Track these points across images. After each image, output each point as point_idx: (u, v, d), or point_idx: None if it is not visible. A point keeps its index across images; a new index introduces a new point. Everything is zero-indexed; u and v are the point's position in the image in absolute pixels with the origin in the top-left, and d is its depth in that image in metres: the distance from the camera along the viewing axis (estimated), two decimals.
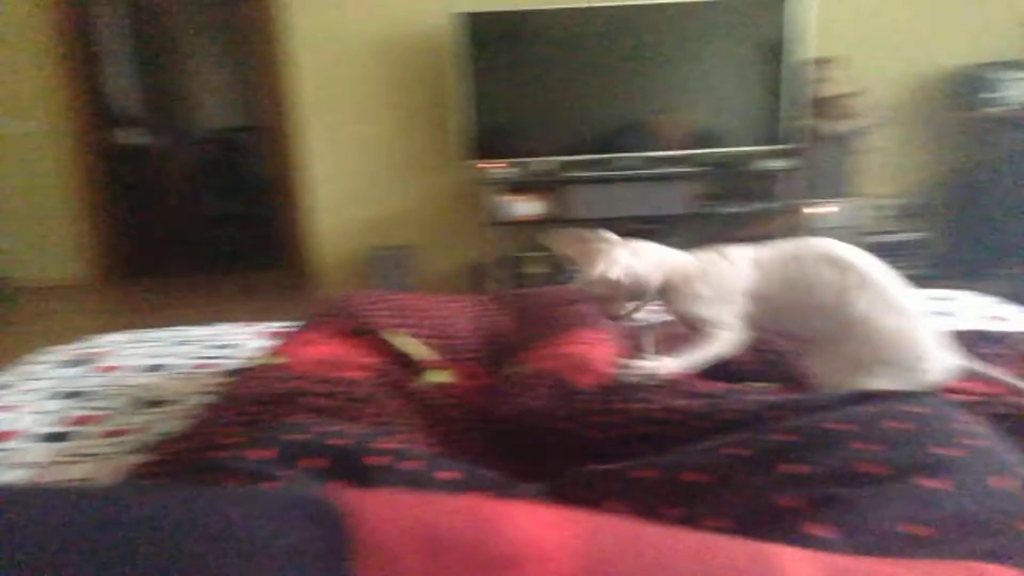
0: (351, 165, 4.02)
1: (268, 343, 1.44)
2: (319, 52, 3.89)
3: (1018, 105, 3.52)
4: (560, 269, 3.80)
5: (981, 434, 0.68)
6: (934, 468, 0.62)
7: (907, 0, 3.90)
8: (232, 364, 1.52)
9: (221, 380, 1.40)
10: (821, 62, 3.71)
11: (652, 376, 1.10)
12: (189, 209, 6.28)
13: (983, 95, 3.61)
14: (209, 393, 1.34)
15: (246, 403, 1.11)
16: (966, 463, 0.63)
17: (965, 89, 3.73)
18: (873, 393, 0.81)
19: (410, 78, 3.92)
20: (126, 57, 5.67)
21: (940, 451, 0.64)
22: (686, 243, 4.20)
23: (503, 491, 0.74)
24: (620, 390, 1.14)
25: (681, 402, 0.96)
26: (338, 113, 3.95)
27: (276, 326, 1.77)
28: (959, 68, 3.79)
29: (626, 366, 1.13)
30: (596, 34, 3.63)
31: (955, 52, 3.86)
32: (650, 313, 1.40)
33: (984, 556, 0.55)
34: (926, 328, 1.08)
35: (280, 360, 1.25)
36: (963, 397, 1.03)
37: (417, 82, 3.91)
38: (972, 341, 1.31)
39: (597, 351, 1.32)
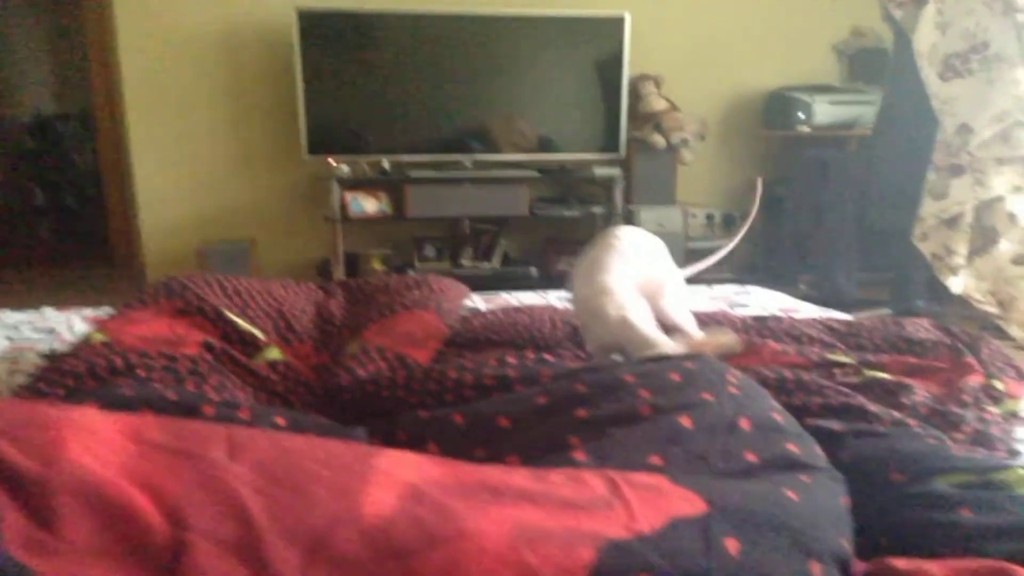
0: (185, 157, 3.87)
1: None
2: (150, 39, 3.73)
3: (825, 125, 3.88)
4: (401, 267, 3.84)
5: (742, 384, 0.79)
6: (688, 409, 0.71)
7: (730, 25, 4.21)
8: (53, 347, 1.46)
9: (39, 362, 1.35)
10: (647, 78, 3.95)
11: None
12: (8, 199, 5.84)
13: (794, 115, 3.94)
14: (27, 374, 1.29)
15: (66, 377, 1.09)
16: (716, 407, 0.73)
17: (778, 109, 4.07)
18: (665, 355, 0.91)
19: (250, 71, 3.83)
20: None
21: (698, 396, 0.73)
22: (525, 242, 4.30)
23: (330, 433, 0.78)
24: (448, 361, 1.20)
25: (499, 371, 1.03)
26: (170, 103, 3.80)
27: (105, 311, 1.71)
28: (774, 90, 4.13)
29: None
30: (442, 39, 3.70)
31: (771, 75, 4.21)
32: None
33: (689, 477, 0.64)
34: None
35: (101, 338, 1.22)
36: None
37: (258, 75, 3.83)
38: (765, 322, 1.48)
39: (430, 329, 1.38)
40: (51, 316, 1.71)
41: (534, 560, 0.51)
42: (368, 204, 3.70)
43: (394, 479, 0.55)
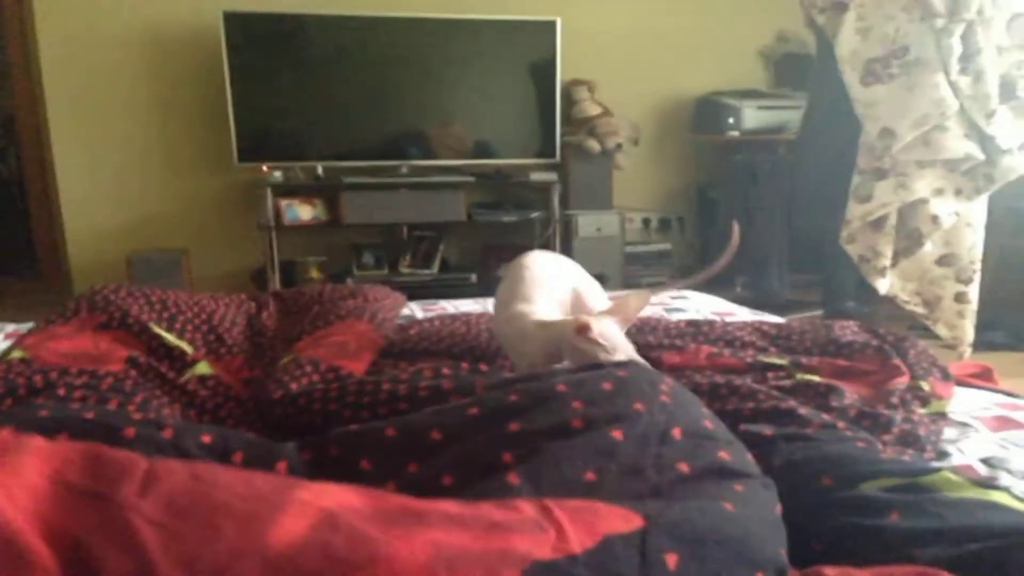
0: (111, 164, 3.76)
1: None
2: (71, 42, 3.61)
3: (753, 129, 3.95)
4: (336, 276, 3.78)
5: (674, 392, 0.79)
6: (620, 421, 0.71)
7: (659, 31, 4.27)
8: None
9: None
10: (581, 83, 3.97)
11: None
12: None
13: (724, 120, 4.01)
14: None
15: None
16: (648, 417, 0.72)
17: (708, 114, 4.14)
18: (599, 364, 0.91)
19: (177, 75, 3.74)
20: None
21: (630, 406, 0.73)
22: (463, 248, 4.28)
23: (258, 450, 0.76)
24: (383, 372, 1.18)
25: (434, 382, 1.01)
26: (94, 107, 3.68)
27: (27, 326, 1.64)
28: (703, 95, 4.20)
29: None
30: (373, 43, 3.67)
31: (700, 80, 4.27)
32: None
33: (623, 496, 0.63)
34: None
35: (19, 355, 1.17)
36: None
37: (185, 79, 3.74)
38: (699, 327, 1.50)
39: (365, 340, 1.36)
40: None
41: None
42: (303, 211, 3.65)
43: (309, 507, 0.54)
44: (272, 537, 0.51)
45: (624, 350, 1.07)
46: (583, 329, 1.04)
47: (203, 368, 1.25)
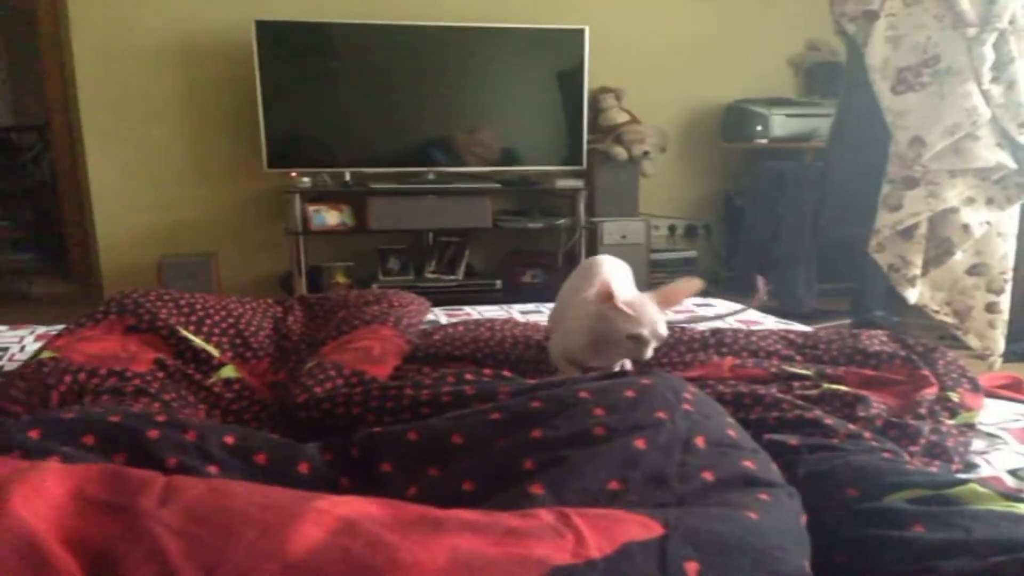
0: (142, 170, 3.81)
1: None
2: (105, 50, 3.67)
3: (782, 137, 3.93)
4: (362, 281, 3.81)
5: (697, 401, 0.78)
6: (643, 429, 0.71)
7: (688, 39, 4.26)
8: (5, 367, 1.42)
9: None
10: (608, 91, 3.97)
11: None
12: None
13: (752, 127, 3.99)
14: None
15: (8, 401, 1.06)
16: (670, 426, 0.72)
17: (736, 122, 4.12)
18: (621, 371, 0.90)
19: (209, 82, 3.79)
20: None
21: (653, 415, 0.72)
22: (489, 254, 4.28)
23: (280, 451, 0.76)
24: (407, 377, 1.19)
25: (456, 388, 1.01)
26: (127, 114, 3.74)
27: (58, 328, 1.67)
28: (731, 102, 4.18)
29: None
30: (403, 51, 3.69)
31: (729, 88, 4.25)
32: None
33: (647, 505, 0.63)
34: None
35: (50, 355, 1.19)
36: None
37: (216, 87, 3.79)
38: (723, 336, 1.48)
39: (389, 345, 1.36)
40: (3, 334, 1.66)
41: None
42: (330, 216, 3.68)
43: (327, 515, 0.54)
44: (291, 543, 0.52)
45: (649, 324, 1.09)
46: (607, 297, 1.08)
47: (229, 371, 1.26)
